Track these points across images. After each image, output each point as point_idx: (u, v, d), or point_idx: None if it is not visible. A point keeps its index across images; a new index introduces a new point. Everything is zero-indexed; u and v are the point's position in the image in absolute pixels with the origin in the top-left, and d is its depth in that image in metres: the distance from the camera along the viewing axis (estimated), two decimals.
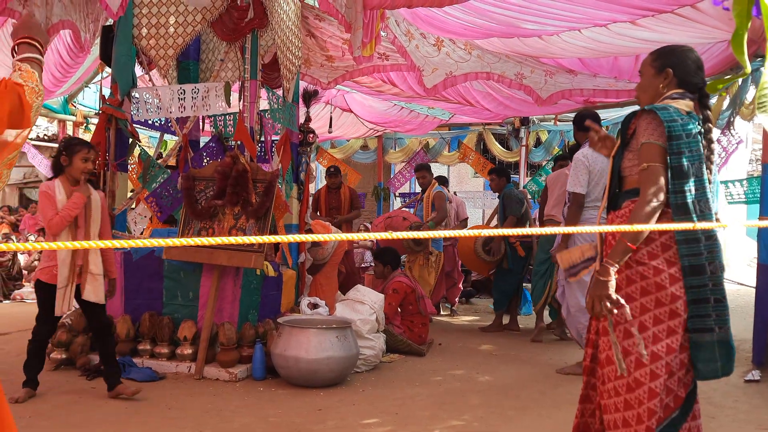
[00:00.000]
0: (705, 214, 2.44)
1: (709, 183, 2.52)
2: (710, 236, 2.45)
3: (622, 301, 2.46)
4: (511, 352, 6.18)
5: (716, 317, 2.44)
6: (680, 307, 2.45)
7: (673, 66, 2.60)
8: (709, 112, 2.60)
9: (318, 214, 8.53)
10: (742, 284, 11.05)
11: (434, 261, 7.76)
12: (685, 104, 2.56)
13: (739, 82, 6.15)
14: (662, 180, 2.45)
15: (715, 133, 7.13)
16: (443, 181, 9.05)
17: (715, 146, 2.57)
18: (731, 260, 14.62)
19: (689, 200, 2.43)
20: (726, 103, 6.72)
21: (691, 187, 2.44)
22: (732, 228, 14.07)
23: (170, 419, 3.94)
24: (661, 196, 2.45)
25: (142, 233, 5.95)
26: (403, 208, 10.55)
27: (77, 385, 4.65)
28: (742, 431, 3.97)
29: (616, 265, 2.47)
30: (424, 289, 7.19)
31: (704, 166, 2.48)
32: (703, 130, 2.55)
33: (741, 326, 7.19)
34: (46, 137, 15.46)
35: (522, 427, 3.96)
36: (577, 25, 5.19)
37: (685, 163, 2.43)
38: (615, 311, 2.45)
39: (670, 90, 2.61)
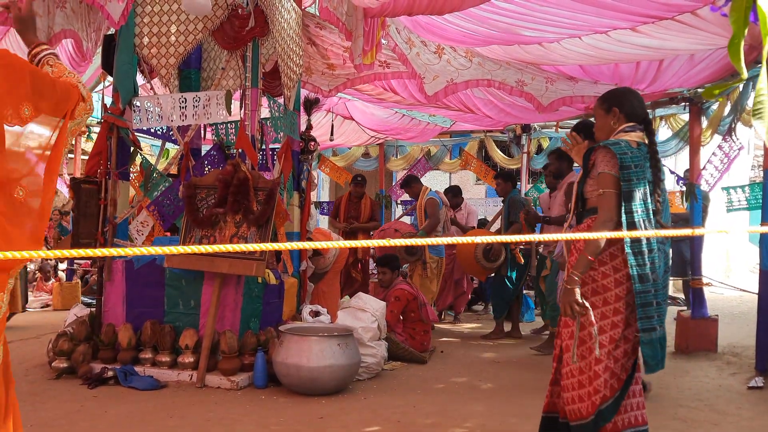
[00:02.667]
0: (648, 230, 2.91)
1: (658, 196, 2.99)
2: (651, 250, 2.94)
3: (588, 305, 2.93)
4: (513, 359, 6.17)
5: (658, 317, 2.96)
6: (621, 307, 2.95)
7: (618, 104, 3.11)
8: (654, 138, 3.11)
9: (337, 220, 8.71)
10: (744, 291, 10.97)
11: (435, 268, 7.71)
12: (637, 136, 3.06)
13: (740, 88, 6.14)
14: (614, 203, 2.95)
15: (716, 140, 7.12)
16: (456, 191, 9.06)
17: (663, 165, 3.06)
18: (733, 267, 14.56)
19: (636, 219, 2.92)
20: (727, 109, 6.71)
21: (638, 208, 2.94)
22: (734, 234, 14.04)
23: (172, 428, 3.94)
24: (614, 215, 2.95)
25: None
26: (405, 215, 10.59)
27: (79, 393, 4.64)
28: None
29: (580, 275, 2.95)
30: (427, 297, 7.18)
31: (648, 190, 2.97)
32: (650, 153, 3.03)
33: (743, 333, 7.18)
34: None
35: None
36: (577, 32, 5.19)
37: (634, 189, 2.93)
38: (583, 313, 2.95)
39: (620, 125, 3.10)
